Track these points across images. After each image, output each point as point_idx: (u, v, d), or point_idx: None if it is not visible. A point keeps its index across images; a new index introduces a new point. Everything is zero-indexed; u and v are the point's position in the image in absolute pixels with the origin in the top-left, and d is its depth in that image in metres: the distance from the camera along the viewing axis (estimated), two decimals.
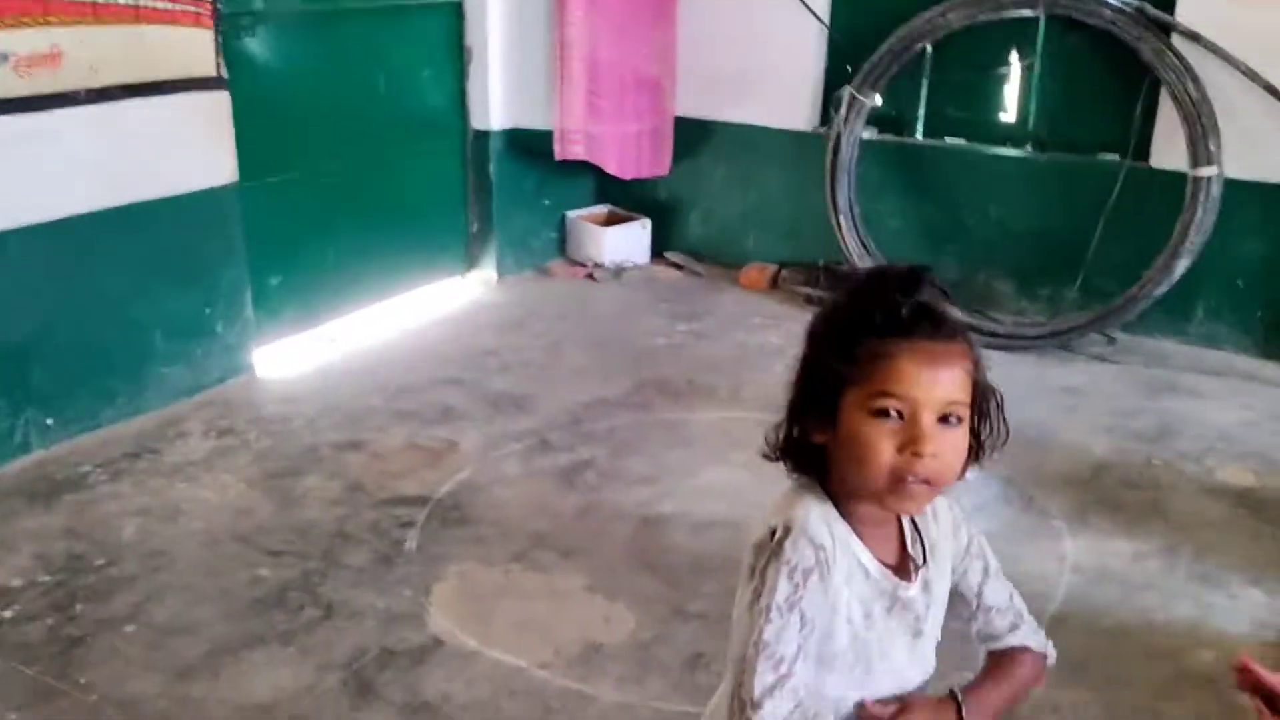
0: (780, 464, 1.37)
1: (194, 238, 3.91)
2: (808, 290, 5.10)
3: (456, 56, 4.99)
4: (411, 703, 2.50)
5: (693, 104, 5.40)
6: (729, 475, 3.52)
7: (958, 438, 1.25)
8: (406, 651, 2.66)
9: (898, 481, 1.23)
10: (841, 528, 1.30)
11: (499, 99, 5.06)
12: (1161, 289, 4.35)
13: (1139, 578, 2.98)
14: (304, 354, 4.43)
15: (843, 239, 4.86)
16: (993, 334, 4.59)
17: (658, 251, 5.64)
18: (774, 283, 5.29)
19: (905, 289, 1.24)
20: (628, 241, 5.51)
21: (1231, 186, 4.28)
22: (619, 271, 5.42)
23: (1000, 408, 1.31)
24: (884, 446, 1.22)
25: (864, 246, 4.86)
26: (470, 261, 5.31)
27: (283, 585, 2.92)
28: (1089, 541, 3.16)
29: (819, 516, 1.29)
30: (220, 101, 3.90)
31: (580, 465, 3.58)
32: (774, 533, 1.27)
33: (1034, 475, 3.53)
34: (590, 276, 5.42)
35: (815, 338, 1.31)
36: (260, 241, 4.17)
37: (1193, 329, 4.61)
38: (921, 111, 5.03)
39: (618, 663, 2.63)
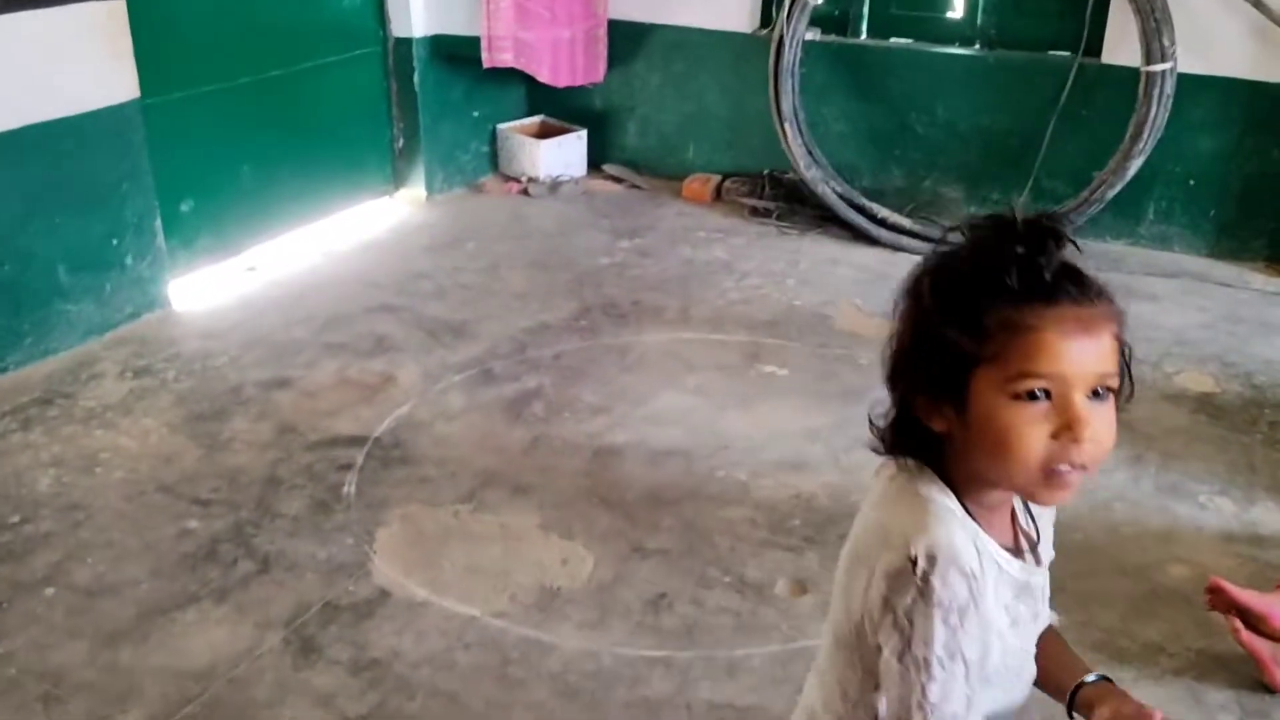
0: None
1: (95, 162, 3.61)
2: (753, 201, 4.92)
3: None
4: (359, 660, 2.34)
5: (627, 6, 5.12)
6: (681, 400, 3.37)
7: (1109, 411, 1.09)
8: (351, 605, 2.50)
9: (1051, 472, 1.06)
10: (983, 539, 1.12)
11: (420, 3, 4.74)
12: (1115, 190, 4.25)
13: (1106, 490, 2.91)
14: (222, 285, 4.16)
15: (788, 147, 4.66)
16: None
17: (594, 164, 5.41)
18: (717, 194, 5.10)
19: (1036, 243, 1.04)
20: (563, 154, 5.26)
21: (1184, 81, 4.16)
22: (555, 186, 5.18)
23: (1130, 359, 1.14)
24: (1034, 435, 1.05)
25: (810, 155, 4.68)
26: (397, 179, 5.03)
27: (214, 538, 2.73)
28: None
29: (963, 535, 1.10)
30: (115, 11, 3.56)
31: (526, 396, 3.41)
32: (914, 563, 1.08)
33: None
34: (525, 192, 5.17)
35: (926, 303, 1.11)
36: (168, 164, 3.86)
37: (1144, 230, 4.53)
38: (865, 10, 4.83)
39: (577, 607, 2.50)
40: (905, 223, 4.52)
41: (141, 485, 2.94)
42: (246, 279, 4.23)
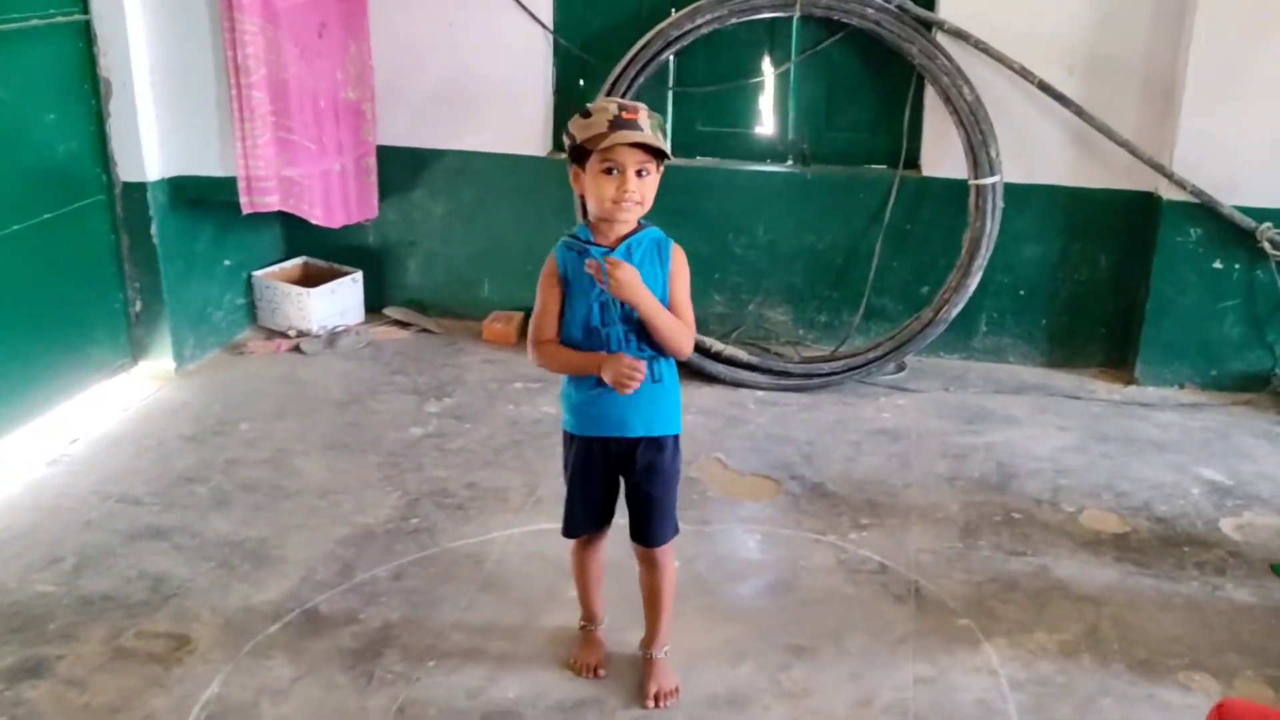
0: None
1: None
2: None
3: (90, 92, 3.79)
4: None
5: (398, 131, 4.51)
6: (568, 620, 2.75)
7: None
8: None
9: None
10: None
11: (155, 142, 3.91)
12: (958, 308, 4.06)
13: (1083, 683, 2.56)
14: None
15: None
16: (784, 374, 4.13)
17: (373, 307, 4.72)
18: (523, 334, 4.53)
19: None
20: (338, 301, 4.54)
21: (1007, 191, 4.04)
22: (332, 339, 4.45)
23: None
24: None
25: None
26: (136, 350, 4.12)
27: None
28: (1007, 640, 2.71)
29: None
30: None
31: (373, 643, 2.68)
32: None
33: (905, 555, 3.07)
34: (297, 349, 4.40)
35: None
36: None
37: (977, 344, 4.38)
38: (669, 128, 4.43)
39: None
40: (742, 355, 4.14)
41: None
42: None
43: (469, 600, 2.86)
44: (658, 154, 2.21)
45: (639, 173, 2.21)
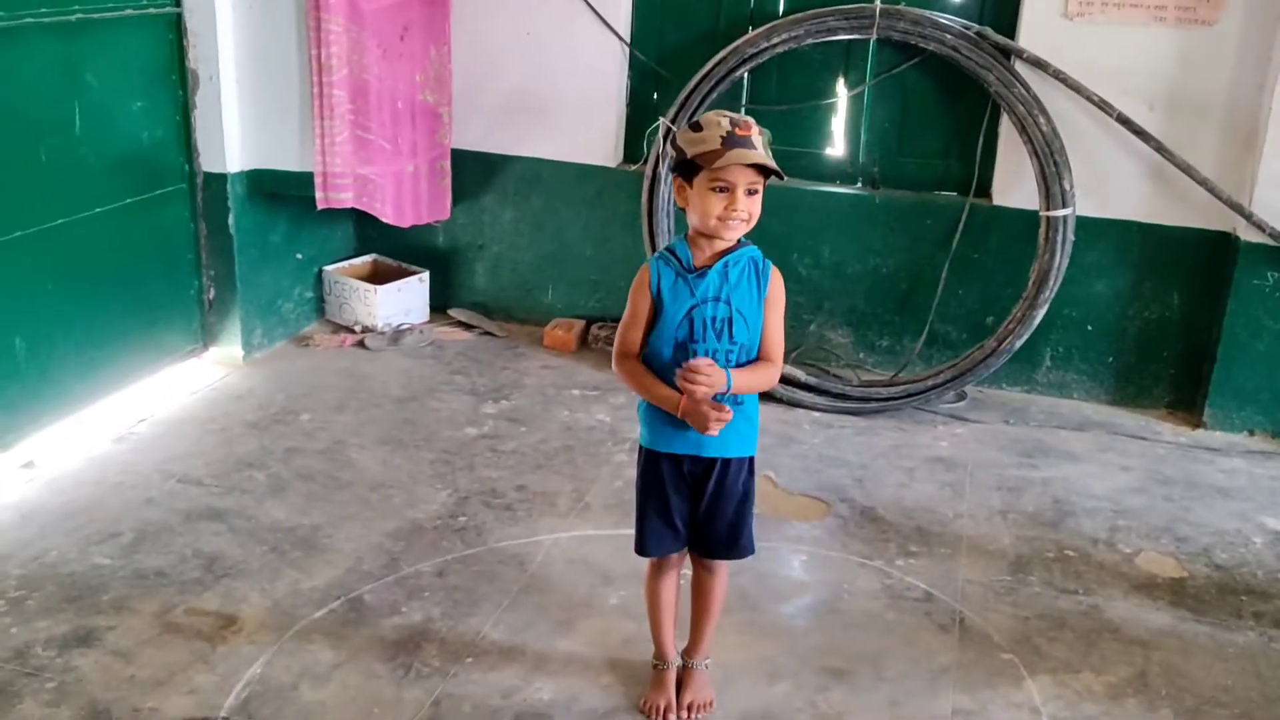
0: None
1: None
2: None
3: (178, 83, 3.91)
4: None
5: (473, 135, 4.58)
6: (608, 628, 2.77)
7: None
8: None
9: None
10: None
11: (236, 135, 4.02)
12: (1022, 340, 4.00)
13: None
14: None
15: None
16: (842, 396, 4.10)
17: (438, 308, 4.79)
18: (583, 341, 4.58)
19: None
20: (404, 299, 4.61)
21: (1079, 224, 3.98)
22: (396, 337, 4.52)
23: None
24: None
25: None
26: (207, 337, 4.23)
27: None
28: (1051, 679, 2.66)
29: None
30: None
31: (413, 636, 2.72)
32: None
33: (952, 585, 3.02)
34: (361, 344, 4.48)
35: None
36: None
37: (1040, 378, 4.30)
38: None
39: None
40: (800, 375, 4.11)
41: None
42: (22, 480, 3.34)
43: (510, 600, 2.88)
44: (767, 172, 2.17)
45: (749, 191, 2.18)
